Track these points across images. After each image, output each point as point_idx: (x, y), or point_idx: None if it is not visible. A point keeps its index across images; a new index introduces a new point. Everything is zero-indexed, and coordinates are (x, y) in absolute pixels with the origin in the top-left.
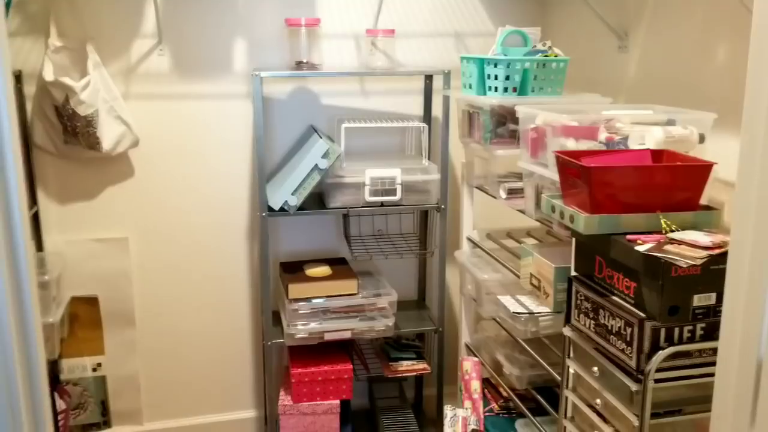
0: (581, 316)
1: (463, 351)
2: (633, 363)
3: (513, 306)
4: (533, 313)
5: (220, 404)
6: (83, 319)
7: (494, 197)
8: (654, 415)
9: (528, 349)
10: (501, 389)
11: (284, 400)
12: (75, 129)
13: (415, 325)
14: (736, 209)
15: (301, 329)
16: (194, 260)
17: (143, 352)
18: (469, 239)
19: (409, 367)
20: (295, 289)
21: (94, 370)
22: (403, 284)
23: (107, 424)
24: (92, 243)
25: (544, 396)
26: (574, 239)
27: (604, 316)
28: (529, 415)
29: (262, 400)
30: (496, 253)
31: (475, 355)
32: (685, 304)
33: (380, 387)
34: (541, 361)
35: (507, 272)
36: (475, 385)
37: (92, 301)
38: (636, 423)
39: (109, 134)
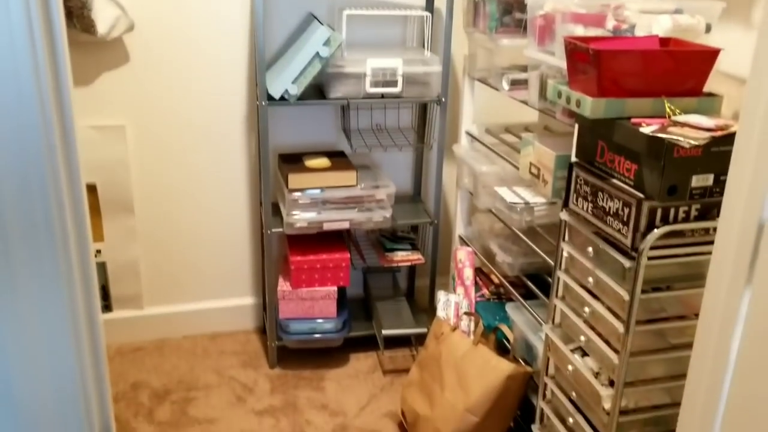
0: (579, 200)
1: (457, 243)
2: (628, 242)
3: (510, 197)
4: (529, 204)
5: (219, 291)
6: None
7: (496, 89)
8: (644, 291)
9: (523, 237)
10: (493, 277)
11: (283, 286)
12: (69, 10)
13: (411, 218)
14: (752, 74)
15: (301, 218)
16: (192, 149)
17: (142, 239)
18: (468, 133)
19: (403, 257)
20: (295, 180)
21: (95, 256)
22: (400, 179)
23: (108, 308)
24: (89, 130)
25: (535, 283)
26: (577, 126)
27: (603, 199)
28: (519, 298)
29: (260, 288)
30: (495, 147)
31: (469, 246)
32: (683, 184)
33: (375, 277)
34: (536, 247)
35: (505, 165)
36: (468, 272)
37: (90, 189)
38: (627, 298)
39: (103, 17)
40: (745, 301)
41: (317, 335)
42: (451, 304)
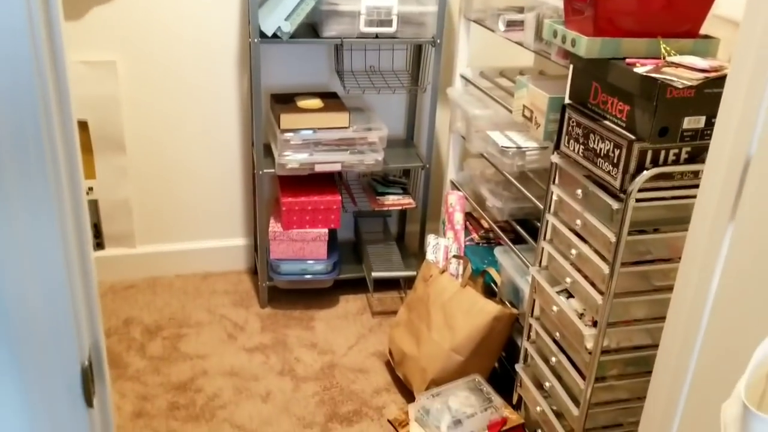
0: (571, 142)
1: (449, 187)
2: (617, 183)
3: (502, 140)
4: (521, 148)
5: (211, 231)
6: None
7: (492, 30)
8: (630, 233)
9: (513, 181)
10: (482, 221)
11: (274, 227)
12: None
13: (403, 162)
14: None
15: (292, 159)
16: (183, 88)
17: (134, 178)
18: (463, 76)
19: (394, 201)
20: (287, 120)
21: (87, 193)
22: (393, 122)
23: (101, 245)
24: (79, 65)
25: (524, 228)
26: (571, 66)
27: (594, 140)
28: (508, 242)
29: (251, 229)
30: (489, 91)
31: (460, 191)
32: (675, 125)
33: (366, 222)
34: (526, 192)
35: (498, 109)
36: (458, 217)
37: (82, 126)
38: (613, 239)
39: None
40: (728, 238)
41: (307, 276)
42: (441, 247)
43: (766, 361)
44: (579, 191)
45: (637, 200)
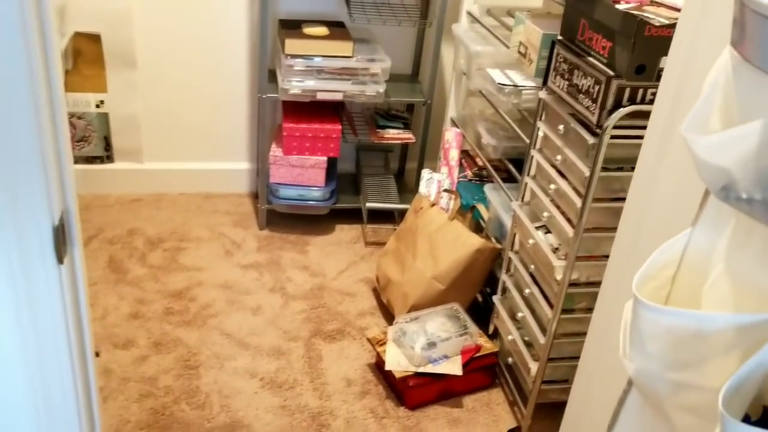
0: (557, 78)
1: (448, 124)
2: (594, 119)
3: (499, 78)
4: (517, 86)
5: (216, 153)
6: (86, 56)
7: None
8: (605, 169)
9: (507, 119)
10: (477, 159)
11: (275, 151)
12: None
13: (406, 96)
14: None
15: (295, 85)
16: (195, 7)
17: (144, 94)
18: (469, 13)
19: (395, 135)
20: (292, 45)
21: (98, 106)
22: (400, 58)
23: (110, 158)
24: None
25: (517, 167)
26: (565, 3)
27: (578, 76)
28: (498, 179)
29: (254, 155)
30: (494, 30)
31: (458, 128)
32: (651, 64)
33: (366, 155)
34: (519, 130)
35: (500, 46)
36: (454, 153)
37: (95, 38)
38: (587, 174)
39: None
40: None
41: (304, 202)
42: (434, 181)
43: (671, 263)
44: (561, 126)
45: (613, 137)
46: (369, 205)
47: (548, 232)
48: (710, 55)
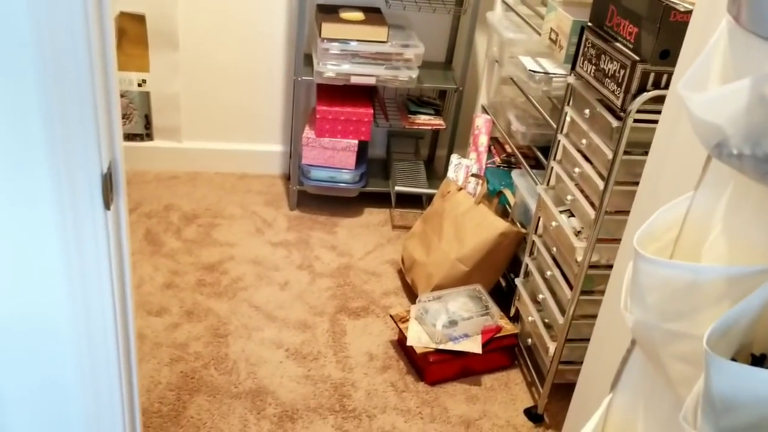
0: (585, 63)
1: (479, 111)
2: (619, 102)
3: (531, 65)
4: (548, 73)
5: (252, 135)
6: (131, 35)
7: None
8: (628, 153)
9: (536, 106)
10: (506, 146)
11: (308, 133)
12: None
13: (438, 83)
14: None
15: (330, 68)
16: None
17: (185, 75)
18: (504, 1)
19: (425, 121)
20: (328, 29)
21: (140, 85)
22: (433, 44)
23: (150, 136)
24: None
25: (545, 155)
26: None
27: (604, 61)
28: (526, 165)
29: (288, 137)
30: (528, 19)
31: (488, 115)
32: (676, 49)
33: (398, 141)
34: (548, 117)
35: (533, 34)
36: (483, 139)
37: (140, 19)
38: (610, 156)
39: None
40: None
41: (335, 184)
42: (462, 167)
43: (674, 225)
44: (587, 111)
45: (636, 120)
46: (398, 188)
47: (571, 215)
48: None
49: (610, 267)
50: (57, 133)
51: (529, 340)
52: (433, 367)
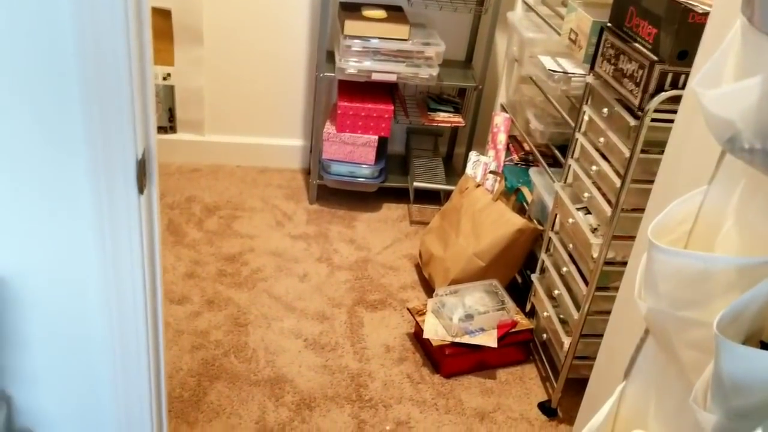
0: (604, 63)
1: (498, 109)
2: (637, 102)
3: (550, 64)
4: (567, 73)
5: (273, 129)
6: (156, 30)
7: None
8: (645, 152)
9: (555, 105)
10: (524, 144)
11: (329, 129)
12: None
13: (458, 81)
14: None
15: (352, 65)
16: None
17: (209, 70)
18: (524, 2)
19: (444, 118)
20: (351, 26)
21: (164, 79)
22: (454, 43)
23: (173, 129)
24: None
25: (563, 153)
26: None
27: (623, 61)
28: (543, 163)
29: (309, 133)
30: (548, 19)
31: (507, 113)
32: (694, 50)
33: (417, 138)
34: (566, 116)
35: (552, 34)
36: (501, 137)
37: (166, 14)
38: (627, 155)
39: None
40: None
41: (354, 179)
42: (481, 164)
43: (688, 218)
44: (605, 109)
45: (654, 120)
46: (416, 184)
47: (588, 213)
48: None
49: (625, 264)
50: (96, 121)
51: (544, 336)
52: (449, 360)
